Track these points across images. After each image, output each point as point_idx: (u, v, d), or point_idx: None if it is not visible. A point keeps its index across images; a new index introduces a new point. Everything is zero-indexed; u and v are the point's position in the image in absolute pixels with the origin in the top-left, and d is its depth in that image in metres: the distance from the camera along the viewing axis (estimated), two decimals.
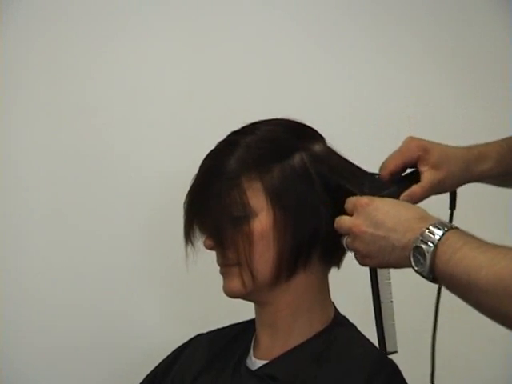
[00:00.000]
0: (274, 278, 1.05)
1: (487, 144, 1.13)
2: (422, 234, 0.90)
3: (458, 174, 1.07)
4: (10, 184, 1.57)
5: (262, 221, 1.04)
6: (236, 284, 1.07)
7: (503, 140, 1.14)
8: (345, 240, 1.00)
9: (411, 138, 1.08)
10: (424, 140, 1.09)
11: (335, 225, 1.01)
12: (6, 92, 1.57)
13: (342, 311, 1.14)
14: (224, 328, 1.22)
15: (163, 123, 1.62)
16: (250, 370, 1.09)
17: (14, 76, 1.57)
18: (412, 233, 0.91)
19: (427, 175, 1.05)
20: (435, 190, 1.06)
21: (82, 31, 1.60)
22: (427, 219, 0.92)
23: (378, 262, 0.97)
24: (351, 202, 1.00)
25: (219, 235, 1.06)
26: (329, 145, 1.11)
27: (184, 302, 1.63)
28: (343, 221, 1.00)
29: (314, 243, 1.05)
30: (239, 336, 1.17)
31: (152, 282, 1.62)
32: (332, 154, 1.09)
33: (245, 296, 1.09)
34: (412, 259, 0.90)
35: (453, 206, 1.11)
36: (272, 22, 1.66)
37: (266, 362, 1.09)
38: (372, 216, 0.96)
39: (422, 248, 0.89)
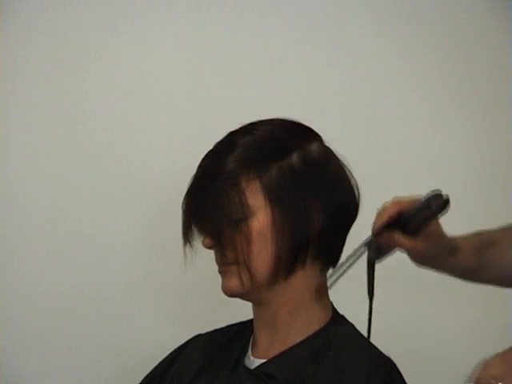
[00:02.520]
0: (272, 277, 1.05)
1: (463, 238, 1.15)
2: None
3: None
4: (9, 186, 1.57)
5: (260, 220, 1.04)
6: (234, 283, 1.07)
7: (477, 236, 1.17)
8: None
9: None
10: None
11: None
12: (6, 92, 1.57)
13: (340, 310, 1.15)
14: (222, 328, 1.22)
15: (163, 124, 1.61)
16: (249, 369, 1.09)
17: (14, 76, 1.57)
18: None
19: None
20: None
21: (83, 31, 1.59)
22: None
23: None
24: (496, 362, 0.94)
25: (218, 234, 1.06)
26: (326, 144, 1.11)
27: (182, 302, 1.63)
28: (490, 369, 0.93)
29: (311, 242, 1.05)
30: (237, 336, 1.17)
31: (151, 282, 1.62)
32: (328, 154, 1.10)
33: (243, 295, 1.09)
34: None
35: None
36: (272, 22, 1.65)
37: (264, 360, 1.09)
38: None
39: None
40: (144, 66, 1.61)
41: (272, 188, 1.04)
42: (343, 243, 1.11)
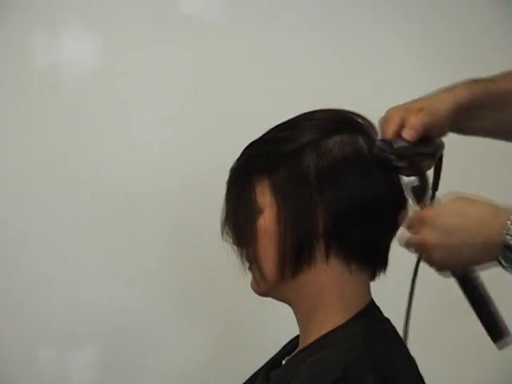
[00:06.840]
0: (279, 275, 1.03)
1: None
2: (507, 229, 0.88)
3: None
4: (12, 190, 1.58)
5: (266, 218, 1.03)
6: (253, 282, 1.07)
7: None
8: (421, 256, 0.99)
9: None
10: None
11: (400, 243, 0.99)
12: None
13: None
14: None
15: (168, 124, 1.62)
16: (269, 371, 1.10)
17: (11, 77, 1.58)
18: (488, 228, 0.89)
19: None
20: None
21: (84, 32, 1.60)
22: (502, 212, 0.90)
23: (457, 266, 0.98)
24: (414, 217, 0.99)
25: (235, 233, 1.06)
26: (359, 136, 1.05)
27: (185, 299, 1.64)
28: (410, 239, 0.98)
29: (316, 241, 1.01)
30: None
31: (152, 281, 1.63)
32: (348, 147, 1.03)
33: (265, 294, 1.07)
34: (501, 256, 0.89)
35: (435, 187, 1.05)
36: (273, 21, 1.66)
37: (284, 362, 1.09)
38: (440, 224, 0.94)
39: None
40: (147, 67, 1.62)
41: (278, 185, 1.02)
42: (372, 239, 1.03)
